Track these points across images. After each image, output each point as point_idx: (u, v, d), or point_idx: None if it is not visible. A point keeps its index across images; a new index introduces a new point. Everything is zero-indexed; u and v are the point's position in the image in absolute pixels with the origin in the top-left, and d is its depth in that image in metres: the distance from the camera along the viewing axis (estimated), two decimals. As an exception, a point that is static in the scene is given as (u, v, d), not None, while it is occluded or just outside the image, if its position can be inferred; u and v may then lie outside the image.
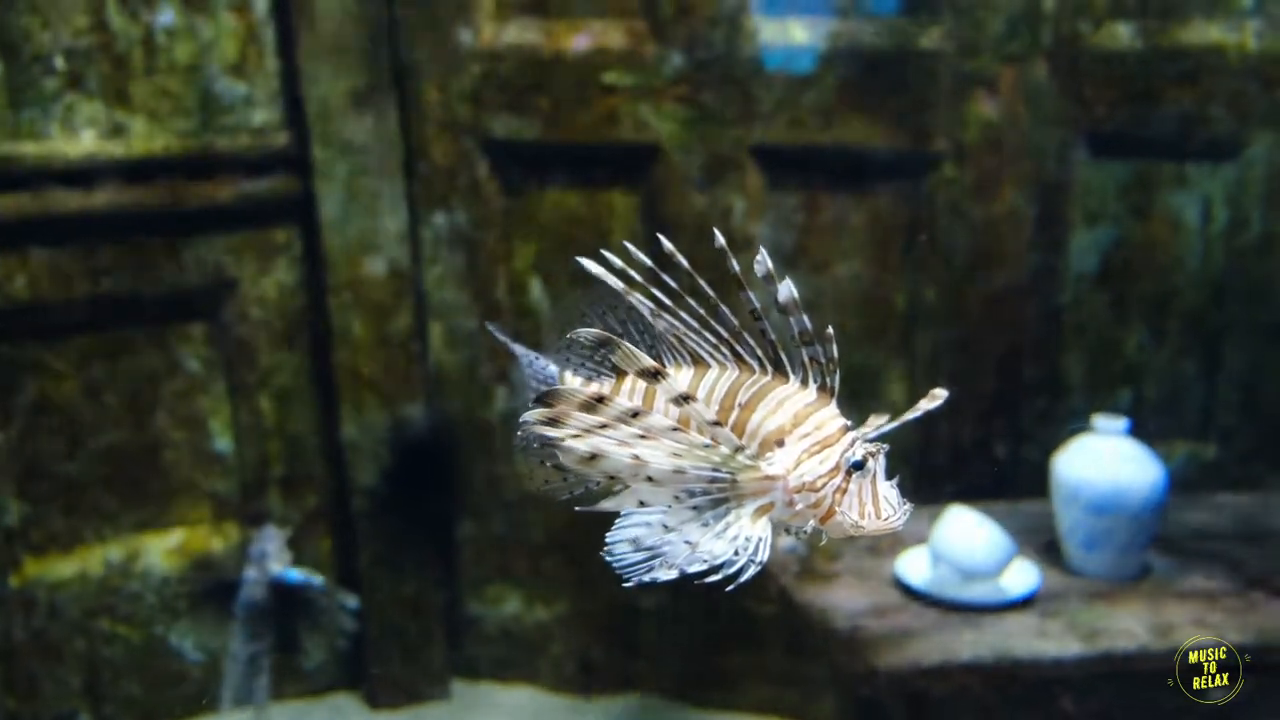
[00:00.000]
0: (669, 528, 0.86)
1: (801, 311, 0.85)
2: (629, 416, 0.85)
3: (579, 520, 3.04)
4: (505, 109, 2.88)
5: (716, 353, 0.92)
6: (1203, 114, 2.72)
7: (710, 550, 0.85)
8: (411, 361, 3.02)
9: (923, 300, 2.83)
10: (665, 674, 3.13)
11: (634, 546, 0.87)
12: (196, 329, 2.96)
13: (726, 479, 0.87)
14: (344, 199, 2.90)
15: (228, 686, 2.54)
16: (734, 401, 0.90)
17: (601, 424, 0.85)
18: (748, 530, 0.86)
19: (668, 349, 0.97)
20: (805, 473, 0.87)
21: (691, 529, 0.86)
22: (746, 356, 0.91)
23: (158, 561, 2.98)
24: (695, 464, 0.86)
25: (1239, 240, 2.82)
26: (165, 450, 2.97)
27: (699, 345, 0.93)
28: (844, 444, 0.87)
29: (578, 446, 0.85)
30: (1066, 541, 2.22)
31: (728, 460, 0.87)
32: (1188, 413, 2.91)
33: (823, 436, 0.87)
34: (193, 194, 2.80)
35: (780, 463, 0.87)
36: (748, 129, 2.77)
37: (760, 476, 0.87)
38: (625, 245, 0.92)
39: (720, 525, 0.86)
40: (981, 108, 2.70)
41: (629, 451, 0.85)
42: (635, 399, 0.95)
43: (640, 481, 0.86)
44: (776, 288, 0.85)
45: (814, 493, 0.87)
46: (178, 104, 2.75)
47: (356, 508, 3.07)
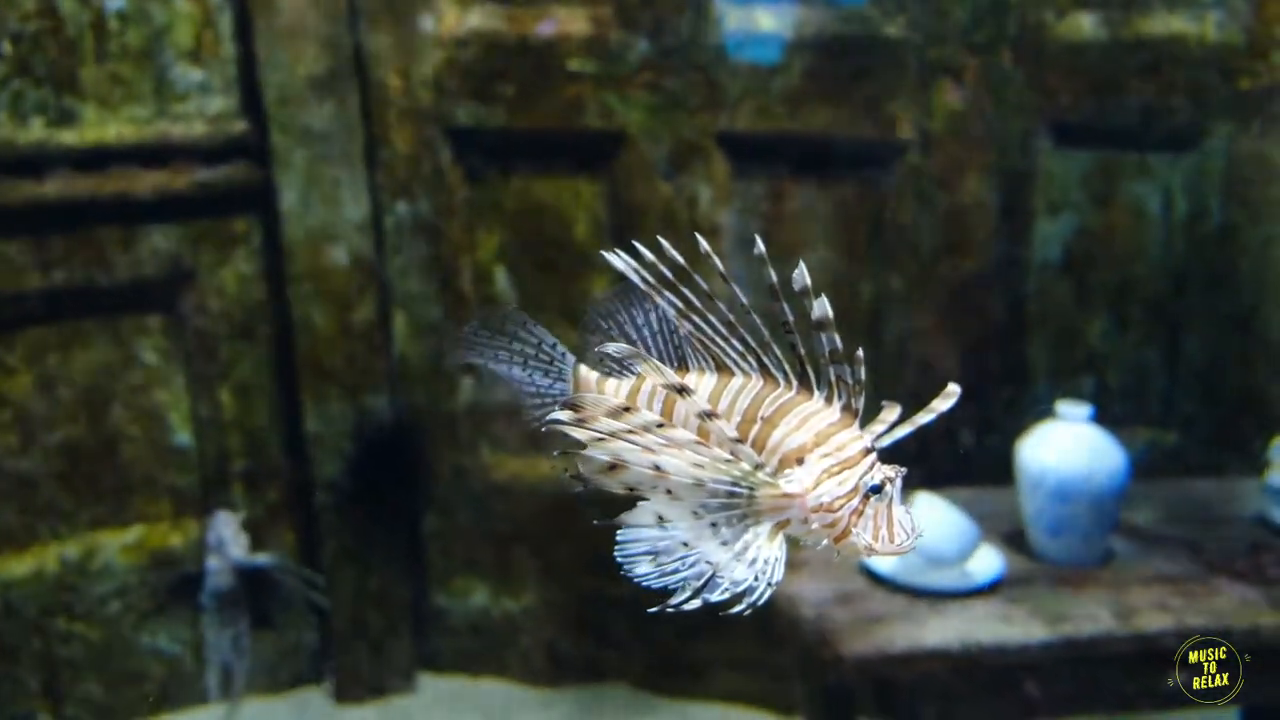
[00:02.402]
0: (688, 544, 0.86)
1: (834, 330, 0.85)
2: (654, 427, 0.85)
3: (545, 512, 3.00)
4: (468, 96, 2.84)
5: (742, 361, 0.91)
6: (1164, 104, 2.75)
7: (732, 576, 0.85)
8: (375, 352, 2.99)
9: (889, 289, 2.84)
10: (634, 664, 3.12)
11: (648, 555, 0.87)
12: (154, 321, 2.90)
13: (745, 494, 0.87)
14: (304, 188, 2.85)
15: (211, 676, 2.51)
16: (757, 414, 0.89)
17: (627, 431, 0.85)
18: (765, 551, 0.87)
19: (692, 352, 0.95)
20: (824, 493, 0.87)
21: (710, 547, 0.86)
22: (773, 368, 0.90)
23: (116, 559, 2.92)
24: (715, 477, 0.86)
25: (1199, 229, 2.85)
26: (122, 445, 2.91)
27: (724, 352, 0.92)
28: (864, 467, 0.87)
29: (599, 455, 0.85)
30: (1031, 527, 2.24)
31: (748, 476, 0.87)
32: (1149, 400, 2.94)
33: (844, 458, 0.87)
34: (147, 183, 2.74)
35: (800, 481, 0.87)
36: (714, 116, 2.76)
37: (779, 494, 0.87)
38: (659, 240, 0.91)
39: (739, 545, 0.86)
40: (947, 97, 2.70)
41: (650, 461, 0.85)
42: (655, 403, 0.94)
43: (659, 494, 0.86)
44: (812, 303, 0.84)
45: (831, 513, 0.87)
46: (130, 91, 2.68)
47: (320, 501, 3.03)
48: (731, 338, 0.91)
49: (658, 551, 0.87)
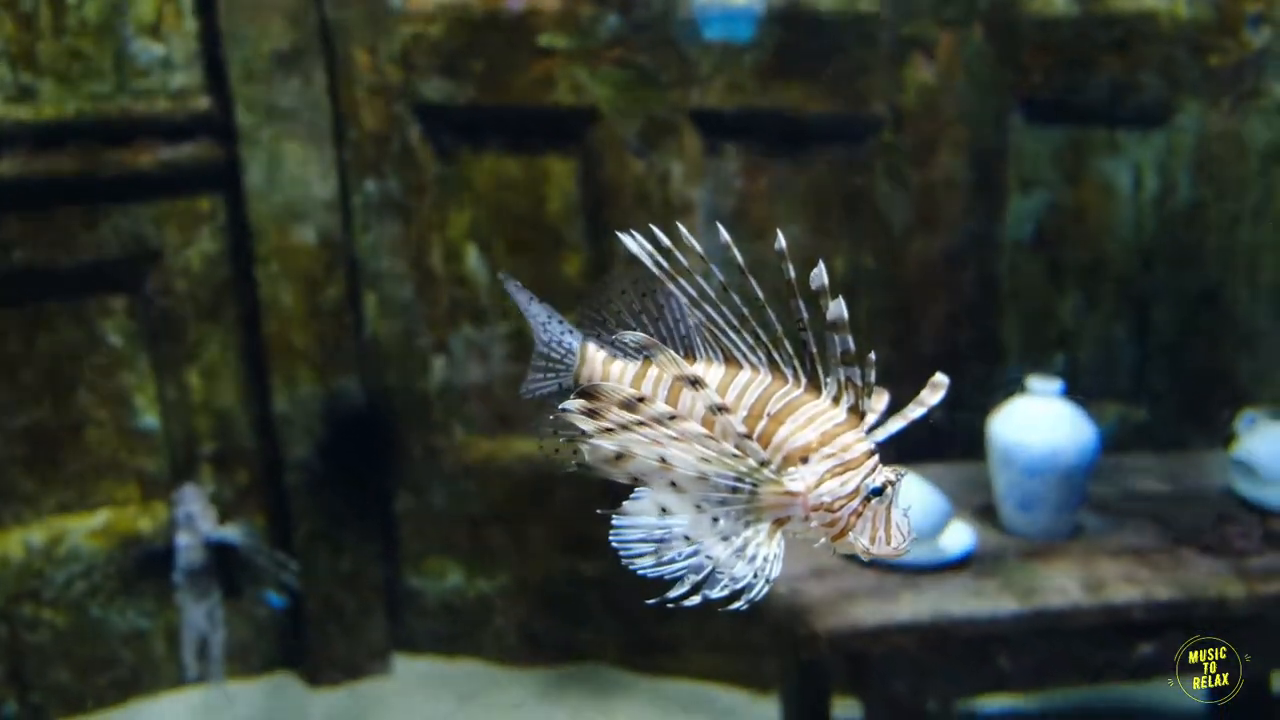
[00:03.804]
0: (689, 539, 0.87)
1: (848, 332, 0.86)
2: (667, 419, 0.86)
3: (519, 492, 2.98)
4: (437, 72, 2.80)
5: (751, 354, 0.92)
6: (1134, 81, 2.75)
7: (732, 573, 0.86)
8: (345, 332, 2.95)
9: (861, 265, 2.83)
10: (609, 642, 3.12)
11: (645, 543, 0.87)
12: (118, 302, 2.85)
13: (748, 490, 0.88)
14: (270, 165, 2.80)
15: (188, 652, 2.48)
16: (763, 410, 0.90)
17: (639, 422, 0.86)
18: (765, 549, 0.88)
19: (701, 341, 0.96)
20: (825, 493, 0.88)
21: (710, 541, 0.87)
22: (782, 364, 0.91)
23: (83, 544, 2.88)
24: (721, 472, 0.86)
25: (1168, 207, 2.87)
26: (88, 428, 2.87)
27: (734, 344, 0.92)
28: (867, 468, 0.88)
29: (606, 445, 0.86)
30: (1002, 502, 2.25)
31: (753, 472, 0.88)
32: (1119, 375, 2.97)
33: (847, 459, 0.88)
34: (109, 161, 2.68)
35: (803, 480, 0.88)
36: (686, 92, 2.73)
37: (782, 491, 0.88)
38: (677, 226, 0.90)
39: (740, 541, 0.87)
40: (919, 72, 2.69)
41: (658, 453, 0.85)
42: (661, 390, 0.94)
43: (663, 485, 0.87)
44: (829, 304, 0.85)
45: (831, 513, 0.88)
46: (90, 66, 2.62)
47: (291, 483, 3.00)
48: (743, 330, 0.91)
49: (656, 541, 0.87)
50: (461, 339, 3.04)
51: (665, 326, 0.97)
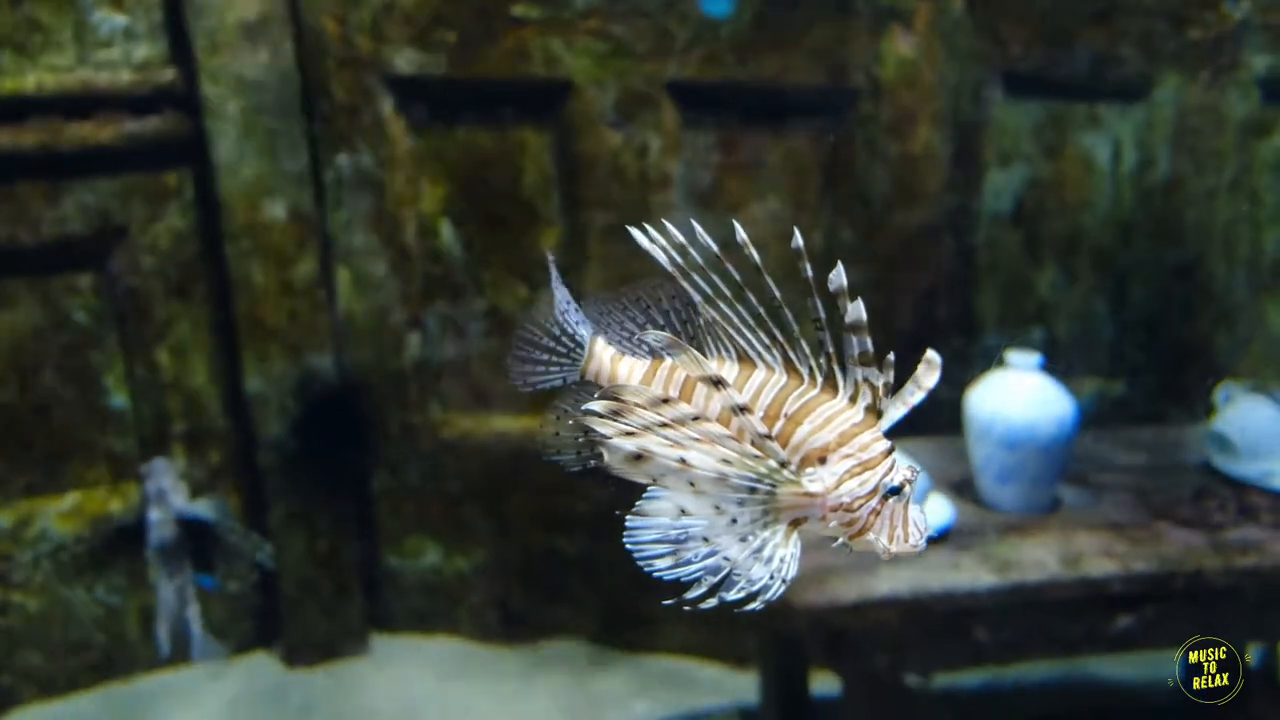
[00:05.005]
0: (707, 540, 0.87)
1: (867, 333, 0.85)
2: (689, 420, 0.86)
3: (496, 469, 2.94)
4: (409, 43, 2.75)
5: (766, 354, 0.91)
6: (1114, 53, 2.73)
7: (749, 574, 0.86)
8: (318, 309, 2.91)
9: (840, 239, 2.81)
10: (588, 619, 3.12)
11: (660, 544, 0.87)
12: (83, 280, 2.79)
13: (767, 491, 0.87)
14: (238, 139, 2.74)
15: (161, 628, 2.45)
16: (780, 410, 0.89)
17: (662, 423, 0.85)
18: (782, 550, 0.88)
19: (713, 341, 0.95)
20: (844, 493, 0.88)
21: (727, 542, 0.87)
22: (799, 364, 0.90)
23: (53, 526, 2.83)
24: (740, 473, 0.86)
25: (1147, 180, 2.86)
26: (55, 409, 2.81)
27: (749, 344, 0.91)
28: (884, 468, 0.88)
29: (626, 446, 0.85)
30: (980, 476, 2.25)
31: (773, 473, 0.87)
32: (1097, 349, 2.97)
33: (866, 459, 0.88)
34: (71, 135, 2.62)
35: (822, 481, 0.88)
36: (662, 64, 2.69)
37: (801, 492, 0.88)
38: (692, 223, 0.90)
39: (757, 542, 0.87)
40: (898, 44, 2.66)
41: (678, 454, 0.85)
42: (673, 389, 0.94)
43: (682, 486, 0.86)
44: (847, 305, 0.84)
45: (850, 513, 0.88)
46: (49, 37, 2.55)
47: (264, 463, 2.96)
48: (759, 330, 0.91)
49: (672, 542, 0.87)
50: (437, 315, 3.00)
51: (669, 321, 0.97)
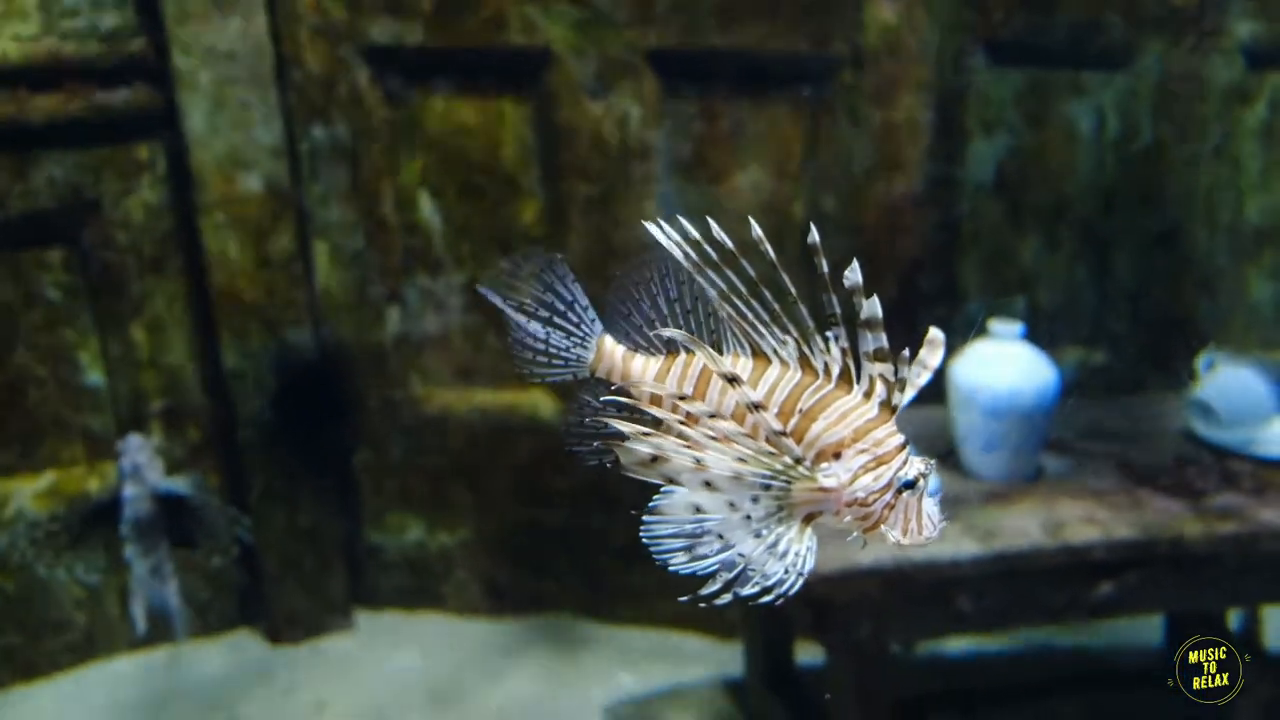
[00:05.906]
0: (723, 536, 0.87)
1: (883, 330, 0.86)
2: (706, 418, 0.86)
3: (479, 444, 2.91)
4: (384, 11, 2.69)
5: (781, 349, 0.91)
6: (1097, 21, 2.71)
7: (765, 571, 0.87)
8: (295, 284, 2.87)
9: (822, 208, 2.79)
10: (573, 592, 3.12)
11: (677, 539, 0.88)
12: (54, 255, 2.74)
13: (783, 487, 0.88)
14: (211, 111, 2.69)
15: (137, 606, 2.42)
16: (795, 406, 0.90)
17: (679, 421, 0.86)
18: (797, 545, 0.88)
19: (727, 335, 0.95)
20: (859, 488, 0.88)
21: (742, 538, 0.88)
22: (814, 360, 0.90)
23: (29, 506, 2.80)
24: (755, 470, 0.87)
25: (1129, 148, 2.85)
26: (29, 387, 2.77)
27: (764, 339, 0.91)
28: (899, 462, 0.89)
29: (641, 448, 0.86)
30: (963, 445, 2.25)
31: (788, 470, 0.88)
32: (1079, 318, 2.97)
33: (880, 453, 0.88)
34: (39, 107, 2.56)
35: (837, 476, 0.89)
36: (643, 32, 2.65)
37: (816, 488, 0.88)
38: (708, 219, 0.89)
39: (772, 537, 0.88)
40: (880, 12, 2.63)
41: (693, 454, 0.86)
42: (686, 386, 0.94)
43: (698, 484, 0.87)
44: (862, 301, 0.85)
45: (864, 507, 0.89)
46: (12, 5, 2.48)
47: (244, 439, 2.93)
48: (775, 326, 0.90)
49: (688, 537, 0.88)
50: (416, 289, 2.96)
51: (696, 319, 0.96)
